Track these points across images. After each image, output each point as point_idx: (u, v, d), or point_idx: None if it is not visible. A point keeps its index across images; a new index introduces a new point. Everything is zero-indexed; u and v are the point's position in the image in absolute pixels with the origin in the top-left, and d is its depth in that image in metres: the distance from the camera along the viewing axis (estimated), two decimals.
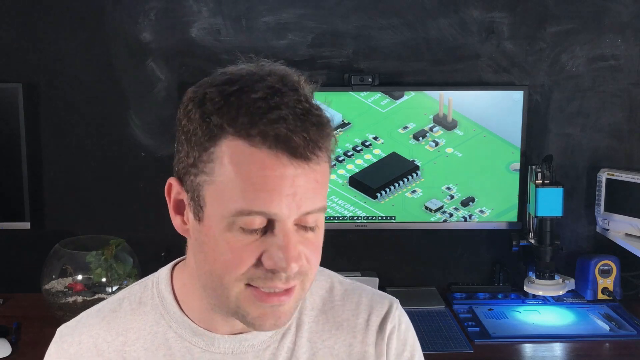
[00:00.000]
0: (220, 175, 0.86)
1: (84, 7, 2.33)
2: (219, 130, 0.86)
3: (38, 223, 2.38)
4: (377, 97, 2.30)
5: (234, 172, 0.86)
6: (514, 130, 2.32)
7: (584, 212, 2.49)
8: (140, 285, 1.05)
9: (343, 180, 2.34)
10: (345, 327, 1.05)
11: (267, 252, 0.87)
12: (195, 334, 0.99)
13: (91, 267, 2.17)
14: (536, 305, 2.34)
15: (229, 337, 0.98)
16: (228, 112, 0.86)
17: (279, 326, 0.91)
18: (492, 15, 2.38)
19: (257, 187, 0.85)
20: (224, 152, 0.86)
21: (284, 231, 0.87)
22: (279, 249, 0.86)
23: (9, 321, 2.16)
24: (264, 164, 0.85)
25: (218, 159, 0.86)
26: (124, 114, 2.38)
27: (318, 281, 1.07)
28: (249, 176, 0.85)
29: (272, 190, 0.85)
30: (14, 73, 2.34)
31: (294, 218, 0.87)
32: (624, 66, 2.42)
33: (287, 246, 0.86)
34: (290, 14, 2.36)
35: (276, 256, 0.86)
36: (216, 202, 0.87)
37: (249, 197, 0.85)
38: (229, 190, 0.86)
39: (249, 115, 0.85)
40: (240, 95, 0.86)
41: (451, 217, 2.37)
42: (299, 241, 0.88)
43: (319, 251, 0.92)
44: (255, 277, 0.87)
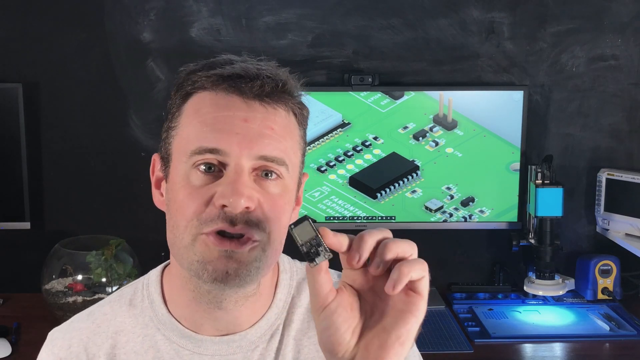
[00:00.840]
0: (183, 125, 0.93)
1: (84, 6, 2.33)
2: (189, 88, 0.93)
3: (38, 223, 2.38)
4: (377, 97, 2.30)
5: (193, 117, 0.91)
6: (514, 130, 2.32)
7: (584, 212, 2.49)
8: (130, 287, 1.06)
9: (343, 180, 2.34)
10: None
11: (218, 191, 0.88)
12: (183, 336, 0.99)
13: (91, 267, 2.17)
14: (536, 305, 2.34)
15: (216, 338, 0.99)
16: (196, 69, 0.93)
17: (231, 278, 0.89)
18: (492, 15, 2.38)
19: (210, 127, 0.90)
20: (190, 104, 0.93)
21: (236, 170, 0.89)
22: (227, 184, 0.88)
23: (9, 321, 2.16)
24: (217, 105, 0.90)
25: (185, 111, 0.93)
26: (124, 114, 2.38)
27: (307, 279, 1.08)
28: (204, 118, 0.90)
29: (221, 129, 0.89)
30: (14, 73, 2.34)
31: (248, 161, 0.89)
32: (624, 66, 2.42)
33: (236, 181, 0.88)
34: (290, 14, 2.36)
35: (224, 190, 0.87)
36: (178, 152, 0.92)
37: (201, 137, 0.89)
38: (188, 134, 0.91)
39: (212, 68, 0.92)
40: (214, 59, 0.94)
41: (451, 217, 2.37)
42: (254, 188, 0.89)
43: (281, 211, 0.92)
44: (207, 221, 0.88)
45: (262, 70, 0.91)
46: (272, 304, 1.03)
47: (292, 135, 0.94)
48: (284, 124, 0.92)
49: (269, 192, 0.91)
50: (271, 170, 0.91)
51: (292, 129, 0.94)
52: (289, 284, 1.05)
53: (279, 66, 0.95)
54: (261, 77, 0.90)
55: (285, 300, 1.04)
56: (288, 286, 1.05)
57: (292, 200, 0.96)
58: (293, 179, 0.95)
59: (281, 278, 1.05)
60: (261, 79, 0.90)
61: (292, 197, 0.95)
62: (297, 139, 0.95)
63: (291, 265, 1.08)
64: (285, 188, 0.93)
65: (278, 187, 0.92)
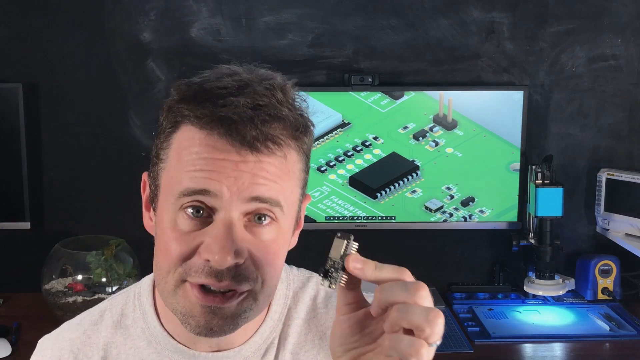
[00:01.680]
0: (171, 161, 0.86)
1: (84, 6, 2.33)
2: (179, 117, 0.86)
3: (38, 223, 2.38)
4: (377, 97, 2.30)
5: (181, 156, 0.85)
6: (514, 130, 2.32)
7: (584, 212, 2.49)
8: (122, 297, 1.03)
9: (343, 180, 2.34)
10: (327, 335, 0.98)
11: (204, 242, 0.83)
12: (176, 351, 0.96)
13: (91, 267, 2.17)
14: (536, 305, 2.34)
15: (210, 354, 0.95)
16: (186, 98, 0.86)
17: (216, 334, 0.85)
18: (492, 15, 2.38)
19: (198, 168, 0.83)
20: (178, 138, 0.86)
21: (225, 220, 0.82)
22: (215, 239, 0.82)
23: (9, 321, 2.16)
24: (207, 147, 0.83)
25: (173, 144, 0.87)
26: (124, 114, 2.38)
27: (304, 289, 1.03)
28: (193, 158, 0.84)
29: (212, 171, 0.82)
30: (14, 73, 2.34)
31: (238, 207, 0.82)
32: (624, 66, 2.42)
33: (224, 236, 0.81)
34: (290, 14, 2.36)
35: (211, 245, 0.82)
36: (166, 189, 0.87)
37: (190, 177, 0.83)
38: (176, 173, 0.85)
39: (203, 100, 0.84)
40: (204, 85, 0.86)
41: (451, 217, 2.37)
42: (245, 239, 0.83)
43: (274, 258, 0.86)
44: (191, 270, 0.83)
45: (258, 110, 0.82)
46: (267, 316, 0.98)
47: (291, 173, 0.87)
48: (280, 166, 0.85)
49: (262, 240, 0.84)
50: (264, 214, 0.84)
51: (290, 168, 0.86)
52: (285, 294, 1.01)
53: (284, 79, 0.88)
54: (255, 124, 0.82)
55: (281, 312, 1.00)
56: (284, 296, 1.01)
57: (287, 241, 0.90)
58: (289, 218, 0.88)
59: (277, 288, 0.98)
60: (255, 125, 0.82)
61: (287, 238, 0.89)
62: (296, 176, 0.88)
63: (287, 274, 1.03)
64: (280, 230, 0.86)
65: (272, 232, 0.85)
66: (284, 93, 0.86)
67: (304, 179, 0.91)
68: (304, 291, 1.03)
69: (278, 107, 0.84)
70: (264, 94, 0.84)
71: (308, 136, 0.89)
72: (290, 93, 0.87)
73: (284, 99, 0.85)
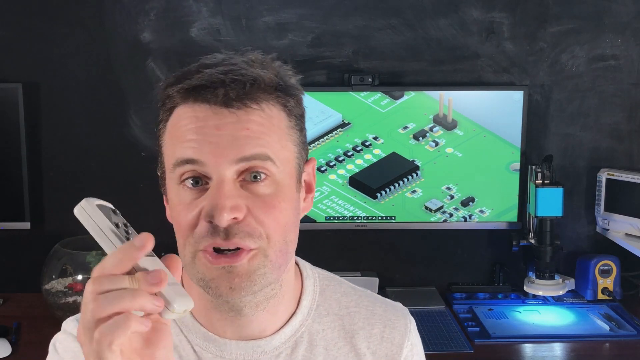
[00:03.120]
0: (166, 141, 0.92)
1: (84, 6, 2.33)
2: (169, 104, 0.92)
3: (38, 223, 2.38)
4: (377, 97, 2.30)
5: (172, 133, 0.91)
6: (514, 130, 2.32)
7: (584, 212, 2.49)
8: None
9: (343, 180, 2.34)
10: (360, 335, 1.04)
11: (204, 207, 0.87)
12: (207, 339, 0.98)
13: (91, 267, 2.17)
14: (536, 305, 2.34)
15: (241, 342, 0.97)
16: (172, 84, 0.91)
17: (236, 292, 0.88)
18: (492, 15, 2.38)
19: (184, 139, 0.88)
20: (170, 121, 0.92)
21: (217, 182, 0.87)
22: (211, 198, 0.86)
23: (9, 321, 2.16)
24: (189, 117, 0.89)
25: (167, 128, 0.92)
26: (124, 114, 2.38)
27: (332, 285, 1.07)
28: (180, 132, 0.89)
29: (195, 139, 0.87)
30: (14, 73, 2.33)
31: (229, 169, 0.87)
32: (624, 66, 2.42)
33: (217, 194, 0.86)
34: (290, 14, 2.36)
35: (207, 206, 0.86)
36: (167, 168, 0.92)
37: (177, 149, 0.89)
38: (169, 149, 0.91)
39: (184, 79, 0.90)
40: (188, 69, 0.91)
41: (451, 217, 2.37)
42: (241, 195, 0.87)
43: (276, 212, 0.89)
44: (199, 237, 0.87)
45: (228, 74, 0.87)
46: (297, 310, 1.01)
47: (275, 129, 0.89)
48: (261, 122, 0.88)
49: (259, 195, 0.88)
50: (257, 170, 0.88)
51: (274, 123, 0.89)
52: (312, 290, 1.04)
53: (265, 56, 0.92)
54: (225, 84, 0.87)
55: (310, 307, 1.03)
56: (312, 292, 1.04)
57: (290, 196, 0.91)
58: (287, 173, 0.91)
59: (305, 284, 1.04)
60: (225, 85, 0.87)
61: (288, 193, 0.91)
62: (284, 131, 0.91)
63: (313, 272, 1.07)
64: (278, 185, 0.89)
65: (269, 187, 0.88)
66: (262, 63, 0.91)
67: (298, 138, 0.94)
68: (331, 288, 1.06)
69: (250, 69, 0.89)
70: (237, 63, 0.90)
71: (292, 98, 0.93)
72: (268, 64, 0.92)
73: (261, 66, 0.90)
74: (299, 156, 0.94)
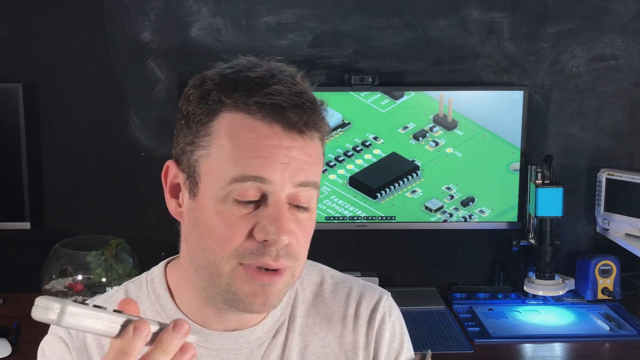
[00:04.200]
0: (217, 147, 0.89)
1: (84, 7, 2.33)
2: (217, 105, 0.89)
3: (38, 223, 2.38)
4: (377, 97, 2.30)
5: (229, 142, 0.88)
6: (514, 130, 2.32)
7: (584, 212, 2.49)
8: (134, 284, 1.06)
9: (343, 180, 2.34)
10: (335, 319, 1.07)
11: (259, 224, 0.88)
12: (192, 331, 0.99)
13: (91, 267, 2.17)
14: (536, 305, 2.34)
15: (224, 333, 1.00)
16: (226, 87, 0.89)
17: (267, 307, 0.92)
18: (492, 15, 2.38)
19: (251, 154, 0.87)
20: (221, 124, 0.89)
21: (277, 203, 0.88)
22: (271, 220, 0.87)
23: (9, 321, 2.16)
24: (259, 133, 0.88)
25: (215, 131, 0.89)
26: (124, 114, 2.38)
27: (309, 275, 1.09)
28: (244, 145, 0.88)
29: (265, 157, 0.87)
30: (14, 73, 2.33)
31: (287, 191, 0.89)
32: (624, 66, 2.42)
33: (279, 217, 0.88)
34: (290, 14, 2.36)
35: (268, 227, 0.87)
36: (211, 175, 0.89)
37: (243, 164, 0.87)
38: (224, 160, 0.88)
39: (246, 88, 0.88)
40: (238, 74, 0.90)
41: (451, 217, 2.37)
42: (290, 219, 0.90)
43: (309, 237, 0.94)
44: (246, 253, 0.88)
45: (301, 97, 0.89)
46: None
47: (322, 157, 0.95)
48: (317, 149, 0.93)
49: (301, 220, 0.92)
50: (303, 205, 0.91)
51: (321, 152, 0.95)
52: None
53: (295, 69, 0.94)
54: (302, 108, 0.89)
55: (289, 295, 1.06)
56: None
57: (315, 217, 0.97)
58: (317, 197, 0.96)
59: None
60: (303, 110, 0.89)
61: (315, 214, 0.96)
62: (323, 159, 0.97)
63: None
64: (313, 212, 0.94)
65: (308, 214, 0.93)
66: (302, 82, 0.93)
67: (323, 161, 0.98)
68: (309, 277, 1.09)
69: (310, 94, 0.92)
70: (293, 82, 0.91)
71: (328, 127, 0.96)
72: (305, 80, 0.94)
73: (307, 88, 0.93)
74: None
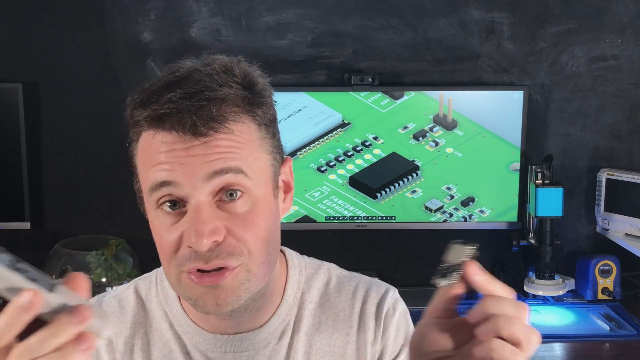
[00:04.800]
0: (139, 166, 0.92)
1: (84, 7, 2.33)
2: (136, 128, 0.91)
3: (38, 223, 2.38)
4: (377, 97, 2.30)
5: (143, 157, 0.90)
6: (514, 130, 2.32)
7: (584, 212, 2.49)
8: (144, 282, 1.08)
9: (343, 180, 2.34)
10: (341, 317, 1.05)
11: (185, 231, 0.87)
12: (197, 333, 1.01)
13: (91, 267, 2.17)
14: (536, 305, 2.34)
15: (229, 336, 1.00)
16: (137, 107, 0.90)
17: (224, 307, 0.89)
18: (492, 15, 2.38)
19: (155, 163, 0.88)
20: (140, 145, 0.92)
21: (195, 206, 0.87)
22: (190, 225, 0.86)
23: None
24: (160, 142, 0.88)
25: (137, 152, 0.92)
26: (124, 114, 2.38)
27: (316, 275, 1.08)
28: (151, 158, 0.89)
29: (167, 162, 0.87)
30: (14, 73, 2.34)
31: (204, 189, 0.86)
32: (624, 66, 2.42)
33: (196, 221, 0.86)
34: (290, 14, 2.36)
35: (187, 231, 0.86)
36: (144, 191, 0.92)
37: (151, 173, 0.88)
38: (143, 174, 0.91)
39: (148, 103, 0.88)
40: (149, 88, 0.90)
41: (451, 217, 2.37)
42: (219, 217, 0.87)
43: (255, 227, 0.89)
44: (183, 260, 0.88)
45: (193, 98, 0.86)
46: (282, 300, 1.03)
47: (247, 142, 0.89)
48: (230, 140, 0.88)
49: (237, 213, 0.88)
50: (233, 188, 0.87)
51: (245, 138, 0.89)
52: (298, 279, 1.06)
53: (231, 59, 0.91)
54: (192, 112, 0.85)
55: (295, 295, 1.04)
56: (297, 282, 1.06)
57: (268, 207, 0.91)
58: (262, 184, 0.90)
59: (290, 274, 1.05)
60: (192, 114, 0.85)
61: (266, 204, 0.91)
62: (255, 143, 0.90)
63: (299, 261, 1.08)
64: (254, 199, 0.89)
65: (246, 204, 0.88)
66: (226, 73, 0.89)
67: (271, 145, 0.93)
68: (316, 277, 1.08)
69: (215, 88, 0.87)
70: (201, 79, 0.88)
71: (261, 107, 0.92)
72: (235, 71, 0.90)
73: (225, 79, 0.88)
74: (274, 162, 0.94)
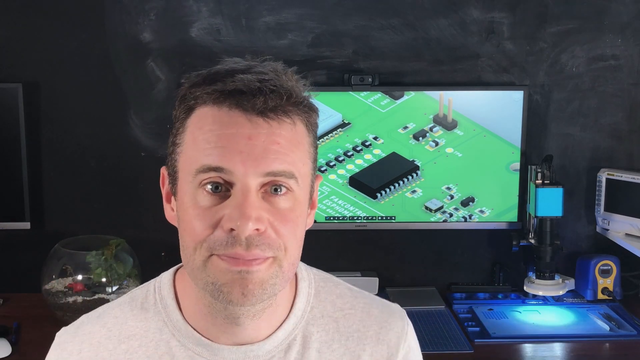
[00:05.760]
0: (187, 142, 0.90)
1: (84, 6, 2.33)
2: (191, 101, 0.90)
3: (38, 223, 2.38)
4: (377, 97, 2.30)
5: (196, 135, 0.89)
6: (514, 130, 2.33)
7: (584, 212, 2.49)
8: (142, 290, 1.04)
9: (343, 180, 2.34)
10: (355, 338, 1.02)
11: (226, 213, 0.87)
12: (200, 344, 0.97)
13: (91, 267, 2.17)
14: (536, 305, 2.34)
15: (233, 347, 0.97)
16: (197, 82, 0.90)
17: (249, 298, 0.88)
18: (492, 15, 2.38)
19: (213, 145, 0.87)
20: (193, 120, 0.90)
21: (243, 191, 0.86)
22: (235, 207, 0.86)
23: (9, 321, 2.16)
24: (221, 122, 0.87)
25: (188, 127, 0.91)
26: (124, 113, 2.38)
27: (327, 287, 1.06)
28: (206, 136, 0.88)
29: (225, 147, 0.87)
30: (14, 73, 2.33)
31: (255, 180, 0.87)
32: (624, 66, 2.42)
33: (243, 203, 0.86)
34: (290, 14, 2.36)
35: (232, 214, 0.86)
36: (184, 170, 0.90)
37: (205, 155, 0.87)
38: (192, 153, 0.89)
39: (213, 80, 0.89)
40: (212, 70, 0.91)
41: (451, 217, 2.37)
42: (263, 207, 0.87)
43: (293, 226, 0.90)
44: (216, 245, 0.87)
45: (265, 82, 0.87)
46: (291, 313, 1.01)
47: (300, 145, 0.91)
48: (290, 137, 0.89)
49: (279, 208, 0.89)
50: (280, 184, 0.88)
51: (299, 140, 0.91)
52: (307, 292, 1.03)
53: (285, 67, 0.92)
54: (264, 92, 0.87)
55: (304, 309, 1.02)
56: (307, 294, 1.03)
57: (304, 211, 0.93)
58: (304, 190, 0.92)
59: (300, 287, 1.03)
60: (264, 94, 0.86)
61: (304, 209, 0.93)
62: (306, 148, 0.93)
63: (308, 273, 1.06)
64: (296, 200, 0.90)
65: (289, 202, 0.90)
66: (286, 74, 0.91)
67: (314, 154, 0.95)
68: (327, 290, 1.05)
69: (283, 79, 0.89)
70: (266, 72, 0.89)
71: (314, 114, 0.94)
72: (292, 75, 0.92)
73: (288, 77, 0.91)
74: (312, 172, 0.95)
